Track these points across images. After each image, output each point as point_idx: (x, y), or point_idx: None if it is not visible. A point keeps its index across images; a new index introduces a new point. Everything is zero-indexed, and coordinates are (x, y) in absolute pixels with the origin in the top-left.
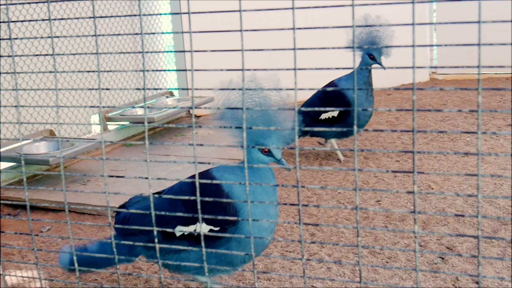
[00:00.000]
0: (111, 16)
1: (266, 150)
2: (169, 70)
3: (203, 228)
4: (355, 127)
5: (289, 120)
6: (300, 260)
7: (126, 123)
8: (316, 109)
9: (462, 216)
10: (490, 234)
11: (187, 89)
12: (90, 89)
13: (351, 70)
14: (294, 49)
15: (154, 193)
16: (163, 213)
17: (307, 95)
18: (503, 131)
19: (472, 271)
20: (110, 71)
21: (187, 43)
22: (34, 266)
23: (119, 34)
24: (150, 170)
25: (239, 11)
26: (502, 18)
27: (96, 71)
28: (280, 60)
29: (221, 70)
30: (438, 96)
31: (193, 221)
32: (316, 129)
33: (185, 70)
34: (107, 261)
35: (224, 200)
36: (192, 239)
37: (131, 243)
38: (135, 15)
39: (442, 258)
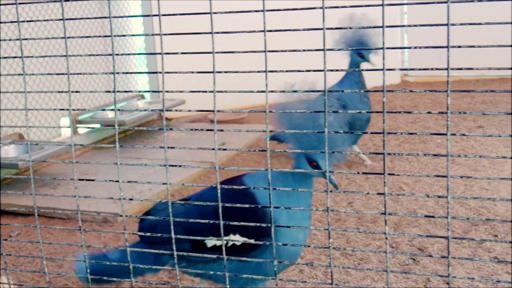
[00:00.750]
0: (81, 18)
1: (314, 163)
2: (139, 73)
3: (235, 239)
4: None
5: (346, 141)
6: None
7: (97, 126)
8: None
9: (432, 217)
10: (461, 235)
11: (158, 91)
12: (59, 91)
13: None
14: (265, 51)
15: (180, 199)
16: (191, 220)
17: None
18: (473, 133)
19: (443, 272)
20: (80, 73)
21: (159, 45)
22: (3, 271)
23: (88, 36)
24: (122, 173)
25: (210, 13)
26: (473, 20)
27: (66, 74)
28: (264, 62)
29: (192, 72)
30: (409, 98)
31: (226, 232)
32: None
33: (155, 72)
34: (129, 271)
35: (253, 206)
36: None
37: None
38: (105, 17)
39: (414, 259)
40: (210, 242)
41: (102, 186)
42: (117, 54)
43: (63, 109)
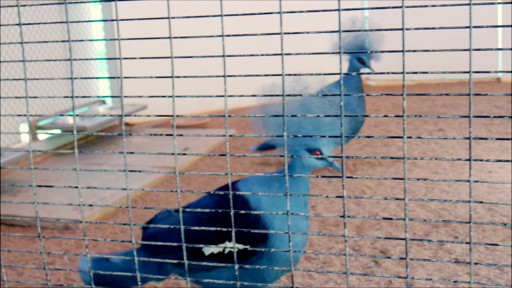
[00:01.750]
0: (38, 23)
1: (318, 153)
2: (97, 78)
3: (230, 246)
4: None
5: (337, 121)
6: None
7: (57, 132)
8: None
9: (390, 219)
10: (422, 237)
11: (116, 96)
12: (17, 97)
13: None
14: (223, 56)
15: (183, 207)
16: (192, 227)
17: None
18: (429, 136)
19: (405, 274)
20: (37, 79)
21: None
22: None
23: (46, 42)
24: (84, 180)
25: (168, 18)
26: (434, 25)
27: (23, 79)
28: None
29: (150, 77)
30: (371, 102)
31: (222, 239)
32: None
33: (113, 77)
34: (134, 279)
35: (246, 212)
36: (222, 257)
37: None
38: (62, 22)
39: (376, 262)
40: (208, 250)
41: (63, 192)
42: (75, 59)
43: (20, 115)
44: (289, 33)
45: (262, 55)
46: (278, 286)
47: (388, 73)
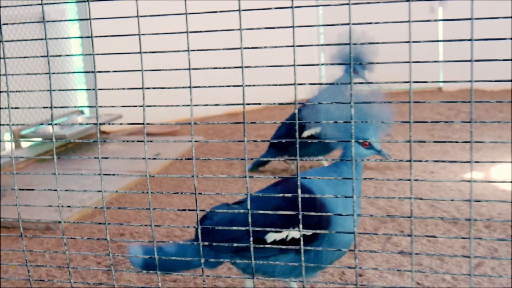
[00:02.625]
0: (18, 40)
1: (367, 143)
2: (73, 90)
3: (295, 233)
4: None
5: (385, 110)
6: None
7: (39, 140)
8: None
9: (340, 215)
10: (371, 231)
11: (91, 106)
12: (0, 108)
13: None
14: (189, 69)
15: (235, 203)
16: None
17: (211, 110)
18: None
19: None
20: (19, 91)
21: (97, 63)
22: None
23: (26, 57)
24: (64, 184)
25: (138, 35)
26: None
27: (5, 92)
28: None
29: (123, 89)
30: None
31: (287, 226)
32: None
33: (88, 89)
34: (186, 264)
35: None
36: (283, 244)
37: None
38: (41, 39)
39: None
40: (271, 237)
41: (44, 196)
42: (53, 73)
43: (4, 125)
44: (273, 47)
45: (224, 68)
46: (242, 277)
47: (337, 83)
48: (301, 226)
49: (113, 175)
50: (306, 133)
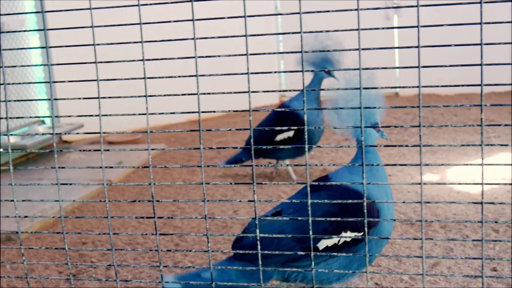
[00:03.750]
0: None
1: (378, 128)
2: (28, 100)
3: (347, 236)
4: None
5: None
6: (158, 267)
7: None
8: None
9: (296, 219)
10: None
11: (48, 116)
12: None
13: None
14: (144, 78)
15: (272, 214)
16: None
17: (170, 118)
18: (332, 144)
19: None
20: None
21: (57, 74)
22: None
23: None
24: (25, 194)
25: (93, 45)
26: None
27: None
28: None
29: (78, 98)
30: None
31: (339, 231)
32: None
33: (44, 99)
34: None
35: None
36: (335, 249)
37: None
38: None
39: None
40: (323, 243)
41: (5, 206)
42: (8, 84)
43: None
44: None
45: (179, 76)
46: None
47: (302, 90)
48: (365, 229)
49: (70, 184)
50: (279, 137)
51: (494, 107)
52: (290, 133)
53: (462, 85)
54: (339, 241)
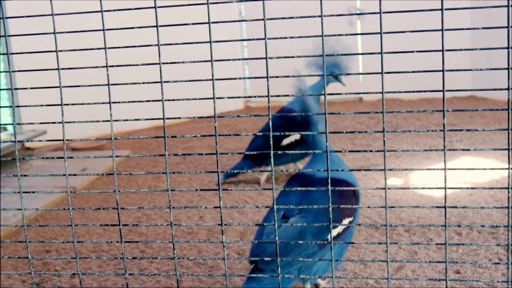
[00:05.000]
0: None
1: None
2: None
3: (346, 223)
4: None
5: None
6: (124, 275)
7: None
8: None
9: (262, 225)
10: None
11: (9, 124)
12: None
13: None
14: (108, 84)
15: (281, 220)
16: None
17: (132, 125)
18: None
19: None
20: None
21: (19, 80)
22: None
23: None
24: None
25: (56, 51)
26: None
27: None
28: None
29: (41, 105)
30: (252, 122)
31: (341, 219)
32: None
33: (6, 106)
34: None
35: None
36: (336, 238)
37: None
38: None
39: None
40: (335, 231)
41: None
42: None
43: None
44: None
45: (143, 83)
46: None
47: (273, 96)
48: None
49: (34, 192)
50: (286, 141)
51: (456, 112)
52: (297, 136)
53: (425, 91)
54: (341, 229)
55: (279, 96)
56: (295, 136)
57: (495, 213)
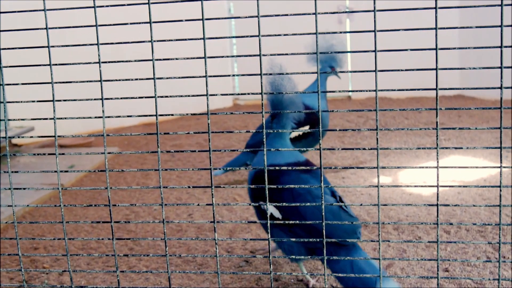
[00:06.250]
0: None
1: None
2: None
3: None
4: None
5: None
6: (115, 272)
7: None
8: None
9: (254, 222)
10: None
11: (1, 120)
12: None
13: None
14: (100, 80)
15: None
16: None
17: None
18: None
19: (273, 271)
20: None
21: (7, 76)
22: None
23: None
24: None
25: (47, 47)
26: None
27: None
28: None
29: (32, 101)
30: (241, 119)
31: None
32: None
33: None
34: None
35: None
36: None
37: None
38: None
39: (247, 261)
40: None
41: None
42: None
43: None
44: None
45: (136, 79)
46: (160, 287)
47: (265, 93)
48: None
49: (24, 189)
50: (294, 134)
51: (444, 111)
52: (306, 127)
53: (418, 89)
54: None
55: (272, 93)
56: (304, 128)
57: (483, 211)
